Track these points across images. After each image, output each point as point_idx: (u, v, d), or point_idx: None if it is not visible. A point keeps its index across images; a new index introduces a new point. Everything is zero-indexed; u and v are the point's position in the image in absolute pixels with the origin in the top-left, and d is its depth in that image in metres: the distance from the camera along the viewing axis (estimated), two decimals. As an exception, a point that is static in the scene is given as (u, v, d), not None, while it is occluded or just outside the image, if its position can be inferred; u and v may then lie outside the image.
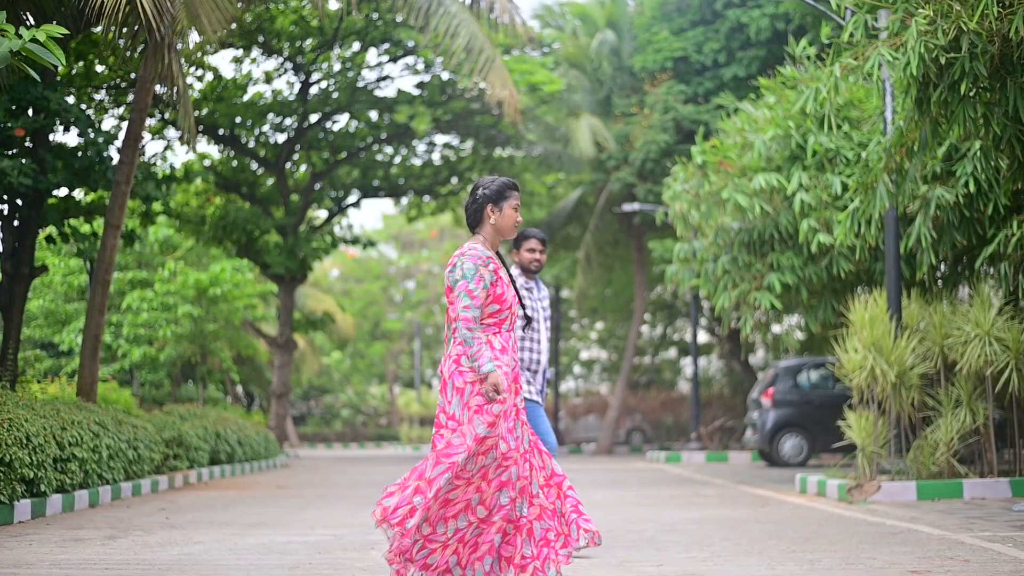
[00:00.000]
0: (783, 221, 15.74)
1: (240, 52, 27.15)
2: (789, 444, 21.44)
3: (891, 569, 7.12)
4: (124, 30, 13.83)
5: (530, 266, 8.34)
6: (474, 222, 5.90)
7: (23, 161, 15.56)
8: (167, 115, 24.78)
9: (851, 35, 10.05)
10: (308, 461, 28.88)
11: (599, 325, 44.21)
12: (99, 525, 10.11)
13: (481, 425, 5.58)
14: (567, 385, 48.44)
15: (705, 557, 7.89)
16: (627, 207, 28.13)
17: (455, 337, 5.69)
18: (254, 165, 30.12)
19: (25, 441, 10.38)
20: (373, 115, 28.93)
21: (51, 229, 17.76)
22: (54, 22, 14.97)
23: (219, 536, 9.30)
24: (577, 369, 48.09)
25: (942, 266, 15.23)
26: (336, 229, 33.21)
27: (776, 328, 25.66)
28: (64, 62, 7.65)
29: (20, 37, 7.78)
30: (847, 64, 10.14)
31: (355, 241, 32.16)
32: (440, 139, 30.88)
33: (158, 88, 16.20)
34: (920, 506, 11.70)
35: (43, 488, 10.75)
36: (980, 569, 7.05)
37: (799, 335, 28.03)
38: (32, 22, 14.67)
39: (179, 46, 18.29)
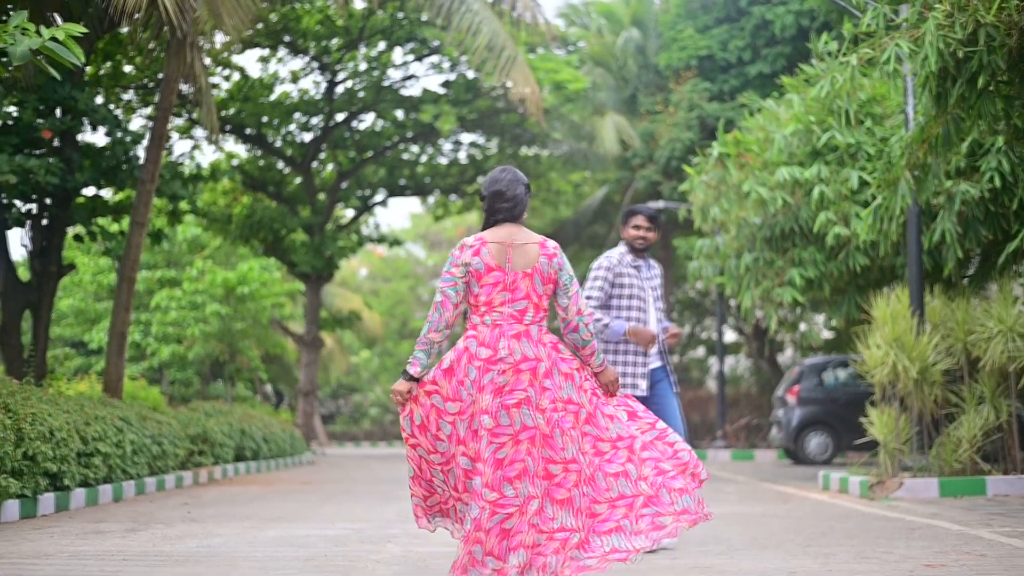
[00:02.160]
0: (803, 215, 15.69)
1: (266, 52, 27.31)
2: (814, 442, 21.38)
3: (906, 563, 7.11)
4: (148, 30, 13.94)
5: (635, 243, 8.09)
6: (521, 212, 5.83)
7: (51, 160, 15.69)
8: (194, 115, 24.94)
9: (868, 25, 10.01)
10: (335, 459, 28.97)
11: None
12: (121, 519, 10.19)
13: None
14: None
15: (720, 551, 7.90)
16: (651, 205, 28.09)
17: (541, 325, 5.69)
18: (281, 164, 30.29)
19: (48, 435, 10.48)
20: (399, 114, 29.05)
21: (79, 228, 17.93)
22: (81, 23, 15.12)
23: (238, 529, 9.36)
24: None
25: (971, 262, 15.16)
26: (364, 228, 33.35)
27: (804, 326, 25.61)
28: (83, 60, 7.72)
29: (41, 36, 7.86)
30: (864, 55, 10.11)
31: (381, 240, 32.27)
32: (466, 138, 30.96)
33: (184, 87, 16.32)
34: (942, 503, 11.66)
35: (66, 482, 10.84)
36: (996, 563, 7.04)
37: (827, 333, 27.96)
38: (60, 23, 14.80)
39: (207, 45, 18.49)
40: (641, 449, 5.67)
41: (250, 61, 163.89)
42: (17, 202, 16.63)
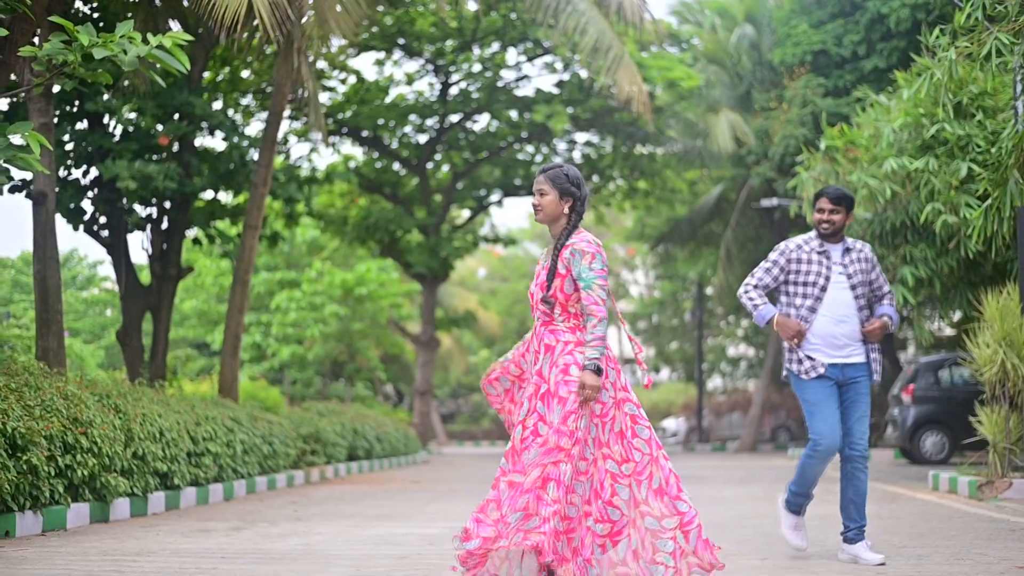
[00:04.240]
0: (913, 208, 15.43)
1: (382, 55, 27.65)
2: (930, 441, 21.02)
3: (999, 564, 7.02)
4: (257, 37, 14.25)
5: (820, 227, 7.58)
6: None
7: (169, 165, 16.11)
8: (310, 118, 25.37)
9: (968, 18, 9.83)
10: (450, 457, 29.21)
11: (745, 322, 43.70)
12: (228, 517, 10.44)
13: None
14: (713, 383, 48.08)
15: (814, 552, 7.87)
16: (766, 202, 27.86)
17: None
18: (396, 166, 30.62)
19: (158, 436, 10.79)
20: (513, 114, 29.17)
21: (198, 231, 18.37)
22: (199, 31, 15.52)
23: (340, 528, 9.55)
24: (723, 366, 47.66)
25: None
26: (479, 229, 33.57)
27: (925, 322, 25.12)
28: (188, 67, 7.95)
29: (148, 44, 8.10)
30: (963, 49, 9.95)
31: (496, 240, 32.45)
32: (580, 137, 30.99)
33: (300, 91, 16.64)
34: (1052, 504, 11.43)
35: (176, 481, 11.13)
36: (1092, 566, 6.92)
37: (948, 331, 27.39)
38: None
39: (323, 49, 18.79)
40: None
41: (366, 64, 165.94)
42: (137, 207, 17.12)
